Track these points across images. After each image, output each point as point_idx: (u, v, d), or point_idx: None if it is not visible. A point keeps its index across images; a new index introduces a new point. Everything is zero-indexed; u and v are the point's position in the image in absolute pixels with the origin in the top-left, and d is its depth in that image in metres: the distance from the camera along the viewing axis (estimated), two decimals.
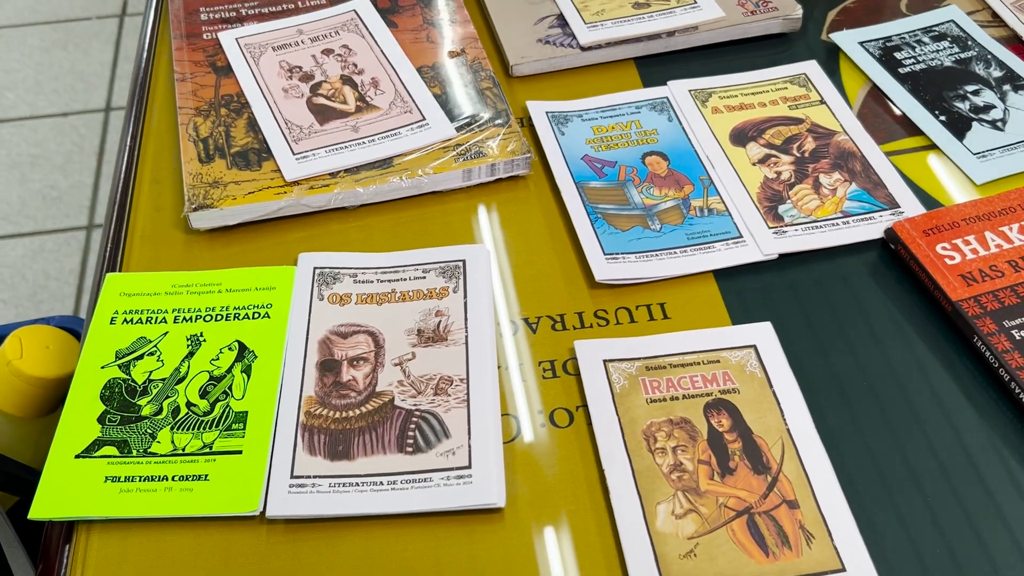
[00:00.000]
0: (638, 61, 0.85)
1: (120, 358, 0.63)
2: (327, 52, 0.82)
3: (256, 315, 0.65)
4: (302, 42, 0.83)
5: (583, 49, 0.83)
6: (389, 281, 0.67)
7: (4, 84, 2.42)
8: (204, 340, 0.64)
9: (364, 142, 0.75)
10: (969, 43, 0.85)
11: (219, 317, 0.65)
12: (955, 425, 0.60)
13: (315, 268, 0.68)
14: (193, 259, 0.71)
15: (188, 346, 0.64)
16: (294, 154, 0.73)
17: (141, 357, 0.63)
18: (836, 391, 0.62)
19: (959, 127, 0.78)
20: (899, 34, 0.87)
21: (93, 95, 2.44)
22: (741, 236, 0.70)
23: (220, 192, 0.71)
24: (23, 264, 2.04)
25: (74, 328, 0.87)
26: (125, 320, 0.65)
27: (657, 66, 0.85)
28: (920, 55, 0.84)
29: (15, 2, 2.64)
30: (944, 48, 0.85)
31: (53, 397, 0.81)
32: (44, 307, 1.98)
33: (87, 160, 2.27)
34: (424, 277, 0.67)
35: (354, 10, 0.86)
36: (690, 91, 0.81)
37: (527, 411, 0.61)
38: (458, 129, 0.76)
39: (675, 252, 0.69)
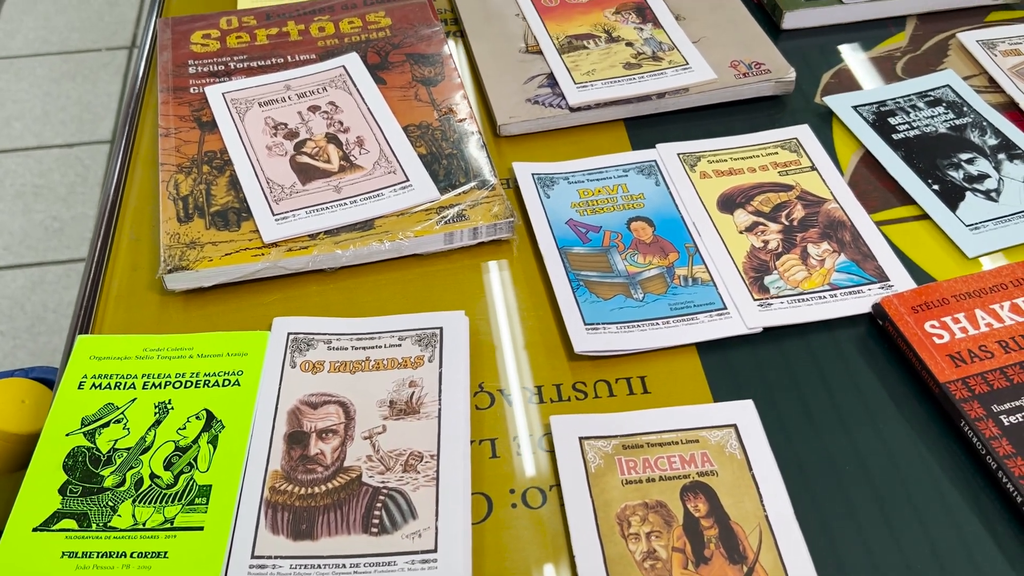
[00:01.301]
0: (628, 122, 0.85)
1: (86, 425, 0.62)
2: (313, 109, 0.81)
3: (226, 382, 0.64)
4: (289, 98, 0.83)
5: (572, 110, 0.83)
6: (364, 348, 0.66)
7: (12, 114, 2.44)
8: (172, 408, 0.63)
9: (346, 203, 0.74)
10: (965, 109, 0.84)
11: (188, 384, 0.64)
12: (940, 514, 0.58)
13: (289, 334, 0.67)
14: (168, 320, 0.70)
15: (155, 414, 0.62)
16: (274, 215, 0.72)
17: (107, 424, 0.62)
18: (817, 474, 0.60)
19: (952, 197, 0.76)
20: (894, 98, 0.85)
21: (99, 126, 2.45)
22: (725, 308, 0.69)
23: (197, 253, 0.70)
24: (22, 295, 2.04)
25: (53, 380, 0.85)
26: (94, 385, 0.64)
27: (647, 127, 0.84)
28: (915, 120, 0.83)
29: (26, 33, 2.67)
30: (939, 114, 0.84)
31: (28, 452, 0.79)
32: (41, 339, 1.98)
33: (90, 191, 2.27)
34: (400, 345, 0.66)
35: (343, 66, 0.85)
36: (679, 155, 0.80)
37: (499, 489, 0.59)
38: (442, 190, 0.75)
39: (657, 323, 0.68)
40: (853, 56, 0.91)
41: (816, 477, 0.60)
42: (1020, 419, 0.60)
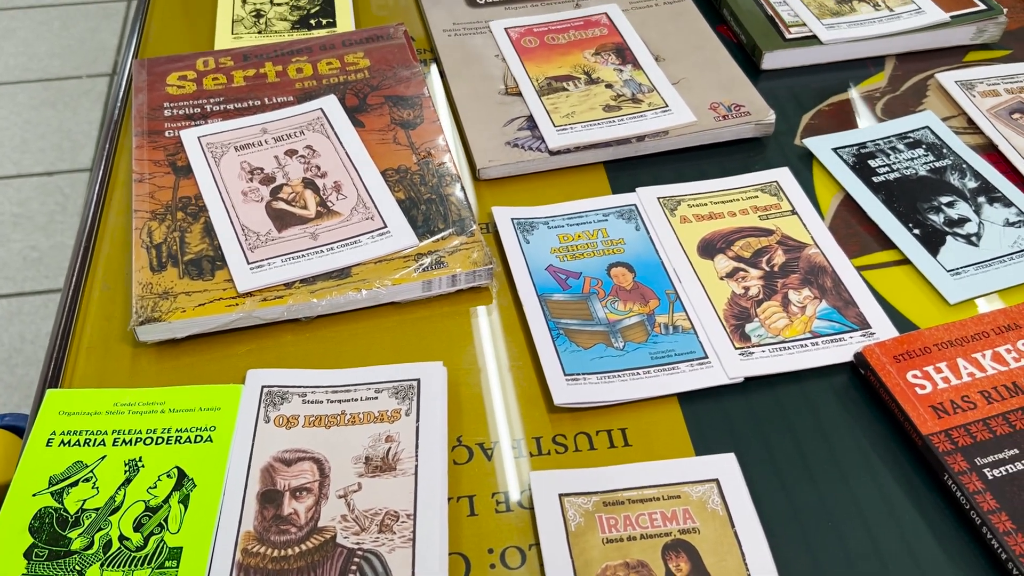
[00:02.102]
0: (607, 165, 0.84)
1: (53, 484, 0.60)
2: (290, 153, 0.81)
3: (199, 438, 0.63)
4: (266, 142, 0.82)
5: (552, 153, 0.82)
6: (340, 401, 0.65)
7: None
8: (142, 466, 0.61)
9: (322, 251, 0.73)
10: (944, 151, 0.84)
11: (160, 440, 0.63)
12: (925, 571, 0.57)
13: (263, 387, 0.66)
14: (140, 371, 0.68)
15: (125, 472, 0.61)
16: (249, 263, 0.71)
17: (76, 483, 0.60)
18: (800, 529, 0.59)
19: (933, 241, 0.76)
20: (874, 140, 0.85)
21: (80, 154, 2.43)
22: (706, 356, 0.68)
23: (170, 304, 0.68)
24: (0, 326, 2.02)
25: (24, 428, 0.84)
26: (62, 442, 0.62)
27: (627, 170, 0.84)
28: (895, 163, 0.83)
29: (6, 60, 2.65)
30: (919, 156, 0.84)
31: None
32: (18, 371, 1.95)
33: (70, 220, 2.25)
34: (376, 398, 0.65)
35: (321, 108, 0.85)
36: (659, 199, 0.80)
37: (477, 550, 0.58)
38: (420, 237, 0.74)
39: (638, 373, 0.67)
40: (833, 97, 0.91)
41: (799, 532, 0.59)
42: (1003, 472, 0.60)
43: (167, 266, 0.71)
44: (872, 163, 0.83)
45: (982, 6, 0.96)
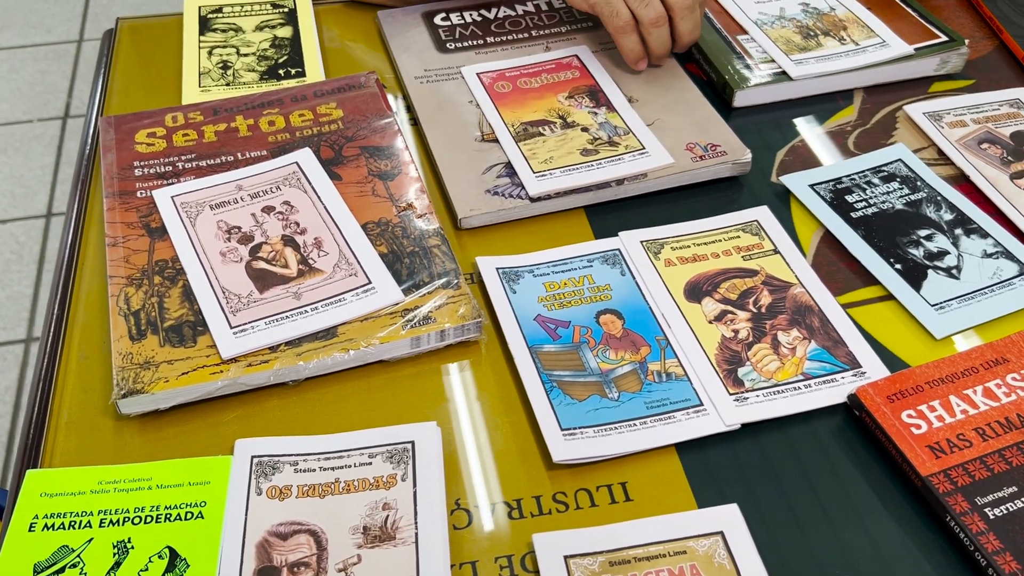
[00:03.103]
0: (588, 210, 0.84)
1: (38, 573, 0.58)
2: (268, 210, 0.79)
3: (189, 515, 0.61)
4: (242, 199, 0.80)
5: (532, 200, 0.82)
6: (332, 469, 0.63)
7: None
8: (132, 547, 0.59)
9: (307, 311, 0.71)
10: (918, 183, 0.85)
11: (149, 519, 0.60)
12: None
13: (253, 456, 0.64)
14: (123, 446, 0.66)
15: (115, 555, 0.59)
16: (231, 327, 0.70)
17: (62, 570, 0.58)
18: None
19: (915, 276, 0.77)
20: (849, 175, 0.86)
21: (34, 200, 2.38)
22: (702, 404, 0.68)
23: (152, 374, 0.66)
24: None
25: (2, 505, 0.81)
26: (46, 526, 0.60)
27: (608, 214, 0.83)
28: (871, 197, 0.84)
29: None
30: (894, 189, 0.85)
31: None
32: None
33: (27, 269, 2.20)
34: (370, 463, 0.63)
35: (296, 162, 0.83)
36: (642, 242, 0.80)
37: None
38: (406, 292, 0.73)
39: (635, 424, 0.67)
40: (806, 132, 0.92)
41: None
42: (1005, 511, 0.60)
43: (147, 334, 0.69)
44: (849, 198, 0.84)
45: (944, 38, 0.98)
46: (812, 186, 0.85)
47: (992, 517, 0.60)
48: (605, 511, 0.62)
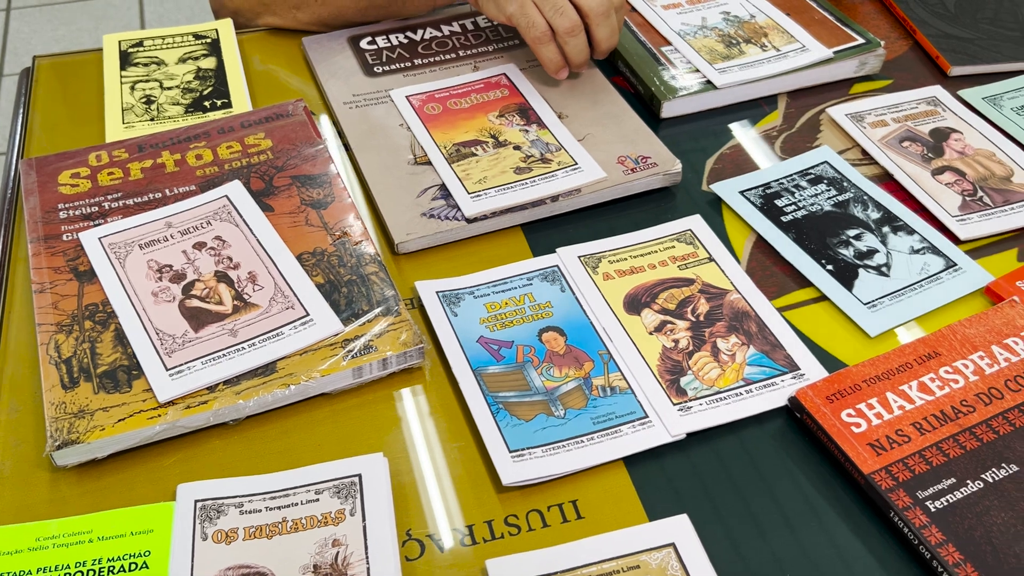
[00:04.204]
0: (525, 227, 0.84)
1: None
2: (199, 246, 0.78)
3: (133, 566, 0.59)
4: (171, 236, 0.79)
5: (469, 221, 0.81)
6: (279, 508, 0.62)
7: None
8: None
9: (244, 347, 0.70)
10: (845, 184, 0.87)
11: (91, 573, 0.59)
12: None
13: (196, 501, 0.62)
14: (61, 499, 0.64)
15: None
16: (167, 369, 0.68)
17: None
18: None
19: (846, 276, 0.78)
20: (777, 179, 0.88)
21: None
22: (647, 416, 0.68)
23: (87, 423, 0.65)
24: None
25: None
26: None
27: (545, 231, 0.84)
28: (800, 200, 0.85)
29: None
30: (822, 191, 0.86)
31: None
32: None
33: None
34: (317, 499, 0.63)
35: (226, 195, 0.82)
36: (579, 257, 0.80)
37: None
38: (345, 321, 0.72)
39: (582, 440, 0.67)
40: (733, 139, 0.94)
41: None
42: (945, 503, 0.61)
43: (80, 381, 0.68)
44: (779, 202, 0.85)
45: (861, 40, 1.00)
46: (742, 192, 0.87)
47: (933, 510, 0.61)
48: (558, 531, 0.62)
